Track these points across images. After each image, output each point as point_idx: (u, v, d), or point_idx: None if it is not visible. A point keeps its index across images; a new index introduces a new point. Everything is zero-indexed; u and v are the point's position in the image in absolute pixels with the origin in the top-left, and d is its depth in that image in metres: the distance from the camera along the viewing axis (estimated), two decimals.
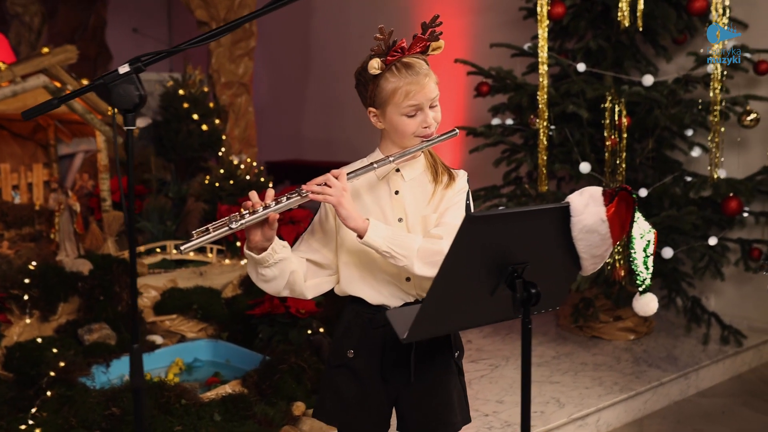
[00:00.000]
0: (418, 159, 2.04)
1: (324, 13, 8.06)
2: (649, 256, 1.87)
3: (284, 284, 1.94)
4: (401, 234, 1.90)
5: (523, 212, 1.76)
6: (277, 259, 1.89)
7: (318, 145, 8.15)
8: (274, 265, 1.90)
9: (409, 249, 1.87)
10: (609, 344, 4.58)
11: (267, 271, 1.91)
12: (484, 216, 1.67)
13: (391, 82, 1.92)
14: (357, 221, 1.85)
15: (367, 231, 1.85)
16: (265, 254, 1.87)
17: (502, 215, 1.71)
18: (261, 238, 1.85)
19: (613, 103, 4.08)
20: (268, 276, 1.92)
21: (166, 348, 4.02)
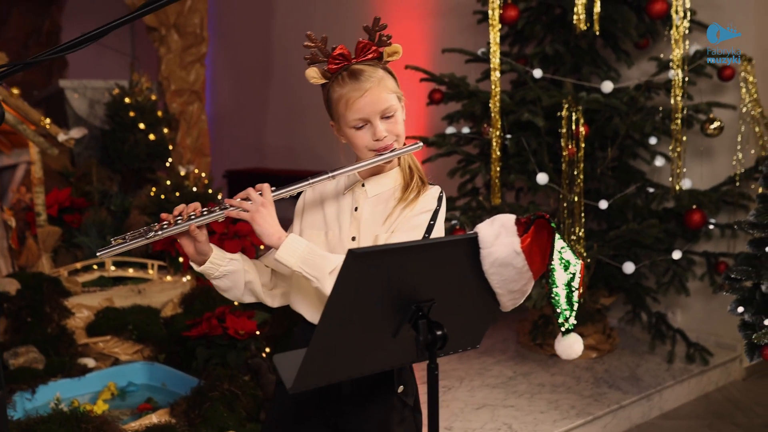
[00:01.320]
0: (388, 174, 1.88)
1: (285, 18, 7.87)
2: (573, 291, 1.67)
3: (241, 293, 1.88)
4: (319, 254, 1.74)
5: (421, 245, 1.56)
6: (223, 272, 1.82)
7: (280, 152, 7.94)
8: (223, 277, 1.83)
9: (321, 270, 1.72)
10: (570, 363, 4.38)
11: (218, 282, 1.85)
12: (370, 251, 1.46)
13: (336, 91, 1.80)
14: (271, 238, 1.73)
15: (279, 248, 1.72)
16: (204, 268, 1.81)
17: (393, 249, 1.51)
18: (193, 251, 1.79)
19: (570, 110, 3.89)
20: (221, 287, 1.86)
21: (98, 372, 3.80)
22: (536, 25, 4.18)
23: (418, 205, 1.85)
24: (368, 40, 1.82)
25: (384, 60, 1.84)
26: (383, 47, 1.83)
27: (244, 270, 1.87)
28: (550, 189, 4.12)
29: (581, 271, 1.68)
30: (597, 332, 4.49)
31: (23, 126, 4.14)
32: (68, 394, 3.63)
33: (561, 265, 1.64)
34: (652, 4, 3.94)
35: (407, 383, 1.95)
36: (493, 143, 3.92)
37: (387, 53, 1.84)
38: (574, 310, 1.67)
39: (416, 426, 1.97)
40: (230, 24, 8.56)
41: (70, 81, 5.41)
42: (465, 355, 4.54)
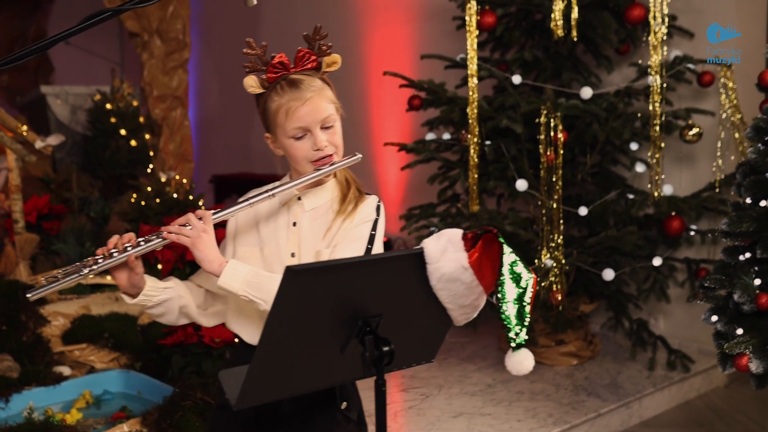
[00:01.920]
0: (325, 186, 1.86)
1: (271, 24, 7.86)
2: (525, 306, 1.65)
3: (176, 318, 1.85)
4: (263, 276, 1.73)
5: (364, 262, 1.55)
6: (156, 301, 1.79)
7: (266, 157, 7.92)
8: (158, 305, 1.80)
9: (267, 293, 1.70)
10: (550, 370, 4.37)
11: (152, 310, 1.81)
12: (309, 268, 1.45)
13: (275, 101, 1.77)
14: (212, 264, 1.70)
15: (221, 275, 1.69)
16: (138, 300, 1.77)
17: (333, 266, 1.49)
18: (127, 284, 1.74)
19: (549, 117, 3.87)
20: (154, 314, 1.83)
21: (74, 380, 3.78)
22: (515, 31, 4.16)
23: (357, 216, 1.84)
24: (308, 49, 1.79)
25: (322, 70, 1.81)
26: (323, 57, 1.81)
27: (179, 296, 1.84)
28: (530, 195, 4.10)
29: (533, 285, 1.66)
30: (578, 339, 4.47)
31: (0, 133, 4.12)
32: (43, 402, 3.61)
33: (512, 279, 1.62)
34: (629, 10, 3.93)
35: (350, 398, 1.93)
36: (471, 150, 3.90)
37: (326, 63, 1.82)
38: (525, 325, 1.65)
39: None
40: (216, 29, 8.56)
41: (51, 87, 5.40)
42: (445, 363, 4.52)
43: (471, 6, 3.81)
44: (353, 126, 6.71)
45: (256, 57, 1.78)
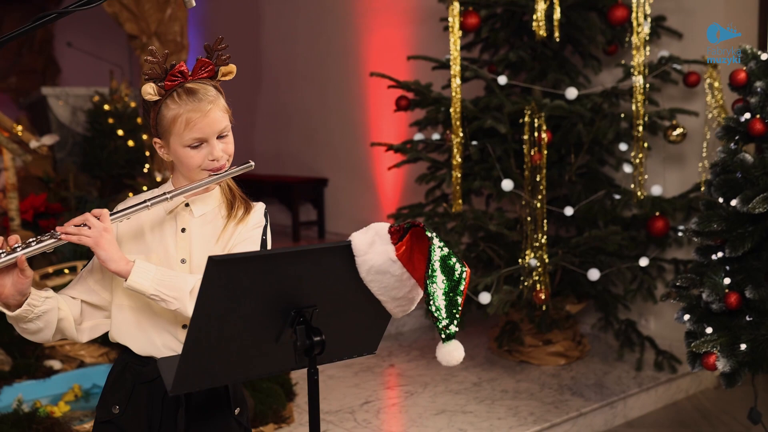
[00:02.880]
0: (211, 194, 1.87)
1: (273, 27, 7.94)
2: (455, 299, 1.68)
3: (52, 334, 1.76)
4: (172, 275, 1.72)
5: (289, 253, 1.58)
6: (38, 312, 1.69)
7: (268, 159, 8.00)
8: (37, 318, 1.70)
9: (180, 290, 1.69)
10: (537, 370, 4.39)
11: (29, 325, 1.71)
12: (232, 258, 1.50)
13: (172, 109, 1.75)
14: (119, 263, 1.66)
15: (131, 273, 1.66)
16: (20, 311, 1.66)
17: (256, 257, 1.54)
18: (12, 290, 1.62)
19: (533, 117, 3.90)
20: (31, 329, 1.72)
21: (64, 374, 3.86)
22: (501, 32, 4.20)
23: (250, 221, 1.86)
24: (207, 58, 1.81)
25: (218, 78, 1.83)
26: (220, 66, 1.83)
27: (58, 308, 1.75)
28: (517, 196, 4.13)
29: (467, 278, 1.70)
30: (566, 339, 4.49)
31: None
32: (33, 395, 3.69)
33: (443, 272, 1.66)
34: (612, 11, 3.96)
35: (242, 404, 1.94)
36: (455, 150, 3.94)
37: (222, 72, 1.83)
38: (455, 317, 1.69)
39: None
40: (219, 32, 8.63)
41: (52, 88, 5.51)
42: (433, 361, 4.56)
43: (454, 7, 3.85)
44: (351, 126, 6.77)
45: (156, 65, 1.75)
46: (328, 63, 7.05)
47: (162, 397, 1.83)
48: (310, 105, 7.39)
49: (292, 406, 3.85)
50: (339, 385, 4.20)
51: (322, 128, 7.22)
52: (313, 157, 7.32)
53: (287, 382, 4.03)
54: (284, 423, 3.68)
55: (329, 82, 7.03)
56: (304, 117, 7.45)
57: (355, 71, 6.51)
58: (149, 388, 1.82)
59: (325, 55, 7.11)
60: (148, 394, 1.83)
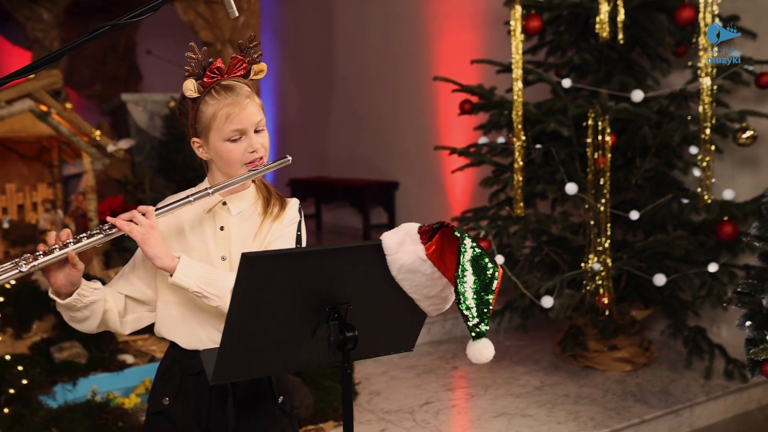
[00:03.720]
0: (247, 191, 1.92)
1: (345, 33, 8.06)
2: (486, 298, 1.71)
3: (97, 324, 1.85)
4: (216, 272, 1.78)
5: (321, 251, 1.64)
6: (86, 302, 1.78)
7: (341, 162, 8.12)
8: (85, 308, 1.79)
9: (222, 288, 1.75)
10: (602, 375, 4.34)
11: (77, 314, 1.81)
12: (265, 255, 1.57)
13: (211, 105, 1.80)
14: (164, 260, 1.74)
15: (176, 270, 1.74)
16: (71, 300, 1.75)
17: (288, 255, 1.60)
18: (64, 281, 1.72)
19: (596, 120, 3.87)
20: (78, 318, 1.82)
21: (136, 368, 4.02)
22: (564, 34, 4.18)
23: (285, 218, 1.90)
24: (241, 56, 1.86)
25: (250, 77, 1.87)
26: (253, 64, 1.87)
27: (104, 299, 1.83)
28: (580, 199, 4.11)
29: (499, 278, 1.72)
30: (633, 345, 4.42)
31: (77, 138, 4.44)
32: (107, 387, 3.87)
33: (473, 271, 1.68)
34: (679, 12, 3.89)
35: (285, 393, 1.98)
36: (516, 153, 3.94)
37: (254, 71, 1.86)
38: (486, 316, 1.71)
39: (294, 431, 2.02)
40: (294, 40, 8.83)
41: (131, 95, 5.74)
42: (496, 364, 4.56)
43: (516, 11, 3.86)
44: (421, 129, 6.82)
45: (196, 62, 1.81)
46: (398, 67, 7.12)
47: (209, 388, 1.89)
48: (381, 109, 7.47)
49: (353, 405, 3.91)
50: (401, 386, 4.25)
51: (393, 132, 7.29)
52: (384, 160, 7.40)
53: None
54: None
55: (400, 86, 7.09)
56: (375, 121, 7.54)
57: (425, 75, 6.55)
58: (196, 380, 1.89)
59: (395, 60, 7.18)
60: (196, 386, 1.91)
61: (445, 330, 5.17)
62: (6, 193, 4.91)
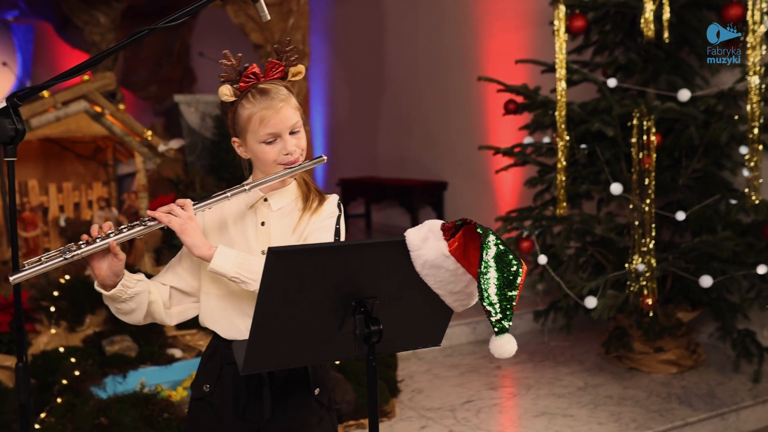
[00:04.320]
0: (288, 188, 1.98)
1: (395, 35, 8.12)
2: (509, 294, 1.73)
3: (143, 315, 1.93)
4: (251, 259, 1.84)
5: (346, 246, 1.68)
6: (131, 294, 1.86)
7: (391, 163, 8.16)
8: (130, 299, 1.87)
9: (259, 273, 1.77)
10: (647, 377, 4.30)
11: (122, 305, 1.88)
12: (290, 250, 1.61)
13: (247, 108, 1.87)
14: (202, 249, 1.81)
15: (213, 257, 1.80)
16: (115, 291, 1.83)
17: (312, 249, 1.65)
18: (108, 272, 1.81)
19: (641, 120, 3.84)
20: (124, 309, 1.90)
21: (184, 362, 4.12)
22: (610, 34, 4.15)
23: (323, 212, 1.95)
24: (277, 60, 1.91)
25: (288, 79, 1.92)
26: (290, 67, 1.93)
27: (148, 291, 1.90)
28: (625, 200, 4.08)
29: (523, 275, 1.74)
30: (679, 347, 4.36)
31: (129, 138, 4.57)
32: (155, 380, 3.97)
33: (497, 268, 1.71)
34: (726, 10, 3.83)
35: (322, 385, 2.03)
36: (559, 153, 3.93)
37: (292, 73, 1.91)
38: (509, 312, 1.74)
39: (332, 423, 2.05)
40: (345, 41, 8.91)
41: (183, 96, 5.87)
42: (540, 364, 4.55)
43: (560, 10, 3.85)
44: (470, 130, 6.82)
45: (231, 67, 1.88)
46: (447, 67, 7.14)
47: (247, 378, 1.95)
48: (430, 109, 7.50)
49: (395, 402, 3.96)
50: (443, 384, 4.27)
51: (442, 132, 7.31)
52: (434, 160, 7.42)
53: (392, 378, 4.14)
54: (385, 417, 3.80)
55: (449, 87, 7.11)
56: (424, 121, 7.57)
57: (474, 75, 6.52)
58: (234, 369, 1.95)
59: (444, 60, 7.20)
60: (234, 375, 1.97)
61: (490, 330, 5.13)
62: (63, 191, 5.08)
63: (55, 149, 5.10)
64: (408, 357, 4.78)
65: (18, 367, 1.94)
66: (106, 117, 4.47)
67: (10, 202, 1.90)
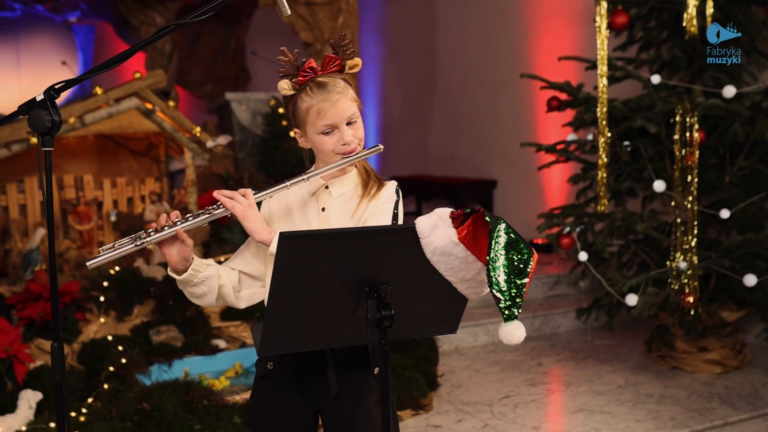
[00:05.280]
0: (348, 175, 2.06)
1: (447, 33, 8.14)
2: (518, 282, 1.76)
3: (215, 298, 2.03)
4: None
5: (355, 232, 1.73)
6: (201, 278, 1.97)
7: (442, 161, 8.18)
8: (201, 283, 1.98)
9: None
10: (689, 377, 4.24)
11: (195, 289, 1.99)
12: (299, 235, 1.67)
13: (305, 101, 1.96)
14: (262, 234, 1.90)
15: (272, 242, 1.88)
16: (186, 276, 1.95)
17: (322, 234, 1.70)
18: (178, 258, 1.92)
19: (684, 116, 3.80)
20: (197, 293, 2.00)
21: (228, 352, 4.22)
22: (654, 30, 4.11)
23: (381, 197, 2.02)
24: (334, 54, 1.98)
25: (345, 71, 2.00)
26: (347, 60, 2.00)
27: (218, 275, 2.00)
28: (669, 197, 4.04)
29: (534, 263, 1.76)
30: (724, 347, 4.29)
31: (178, 134, 4.71)
32: (199, 369, 4.09)
33: (506, 256, 1.73)
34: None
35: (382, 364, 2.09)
36: (600, 150, 3.92)
37: (349, 66, 1.99)
38: (518, 300, 1.76)
39: (393, 404, 2.10)
40: (398, 40, 8.96)
41: (235, 94, 6.01)
42: (582, 362, 4.53)
43: (601, 7, 3.83)
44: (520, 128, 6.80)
45: (289, 63, 1.96)
46: (498, 65, 7.13)
47: (309, 356, 2.03)
48: (481, 107, 7.50)
49: (433, 395, 4.00)
50: (483, 380, 4.29)
51: (492, 130, 7.30)
52: (484, 158, 7.42)
53: (431, 372, 4.18)
54: (422, 410, 3.84)
55: (500, 85, 7.11)
56: (475, 119, 7.58)
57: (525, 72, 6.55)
58: None
59: (495, 58, 7.20)
60: (296, 353, 2.03)
61: (534, 327, 5.17)
62: (117, 186, 5.25)
63: (110, 145, 5.28)
64: (450, 353, 4.81)
65: (53, 347, 2.04)
66: (157, 114, 4.62)
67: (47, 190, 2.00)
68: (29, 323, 3.94)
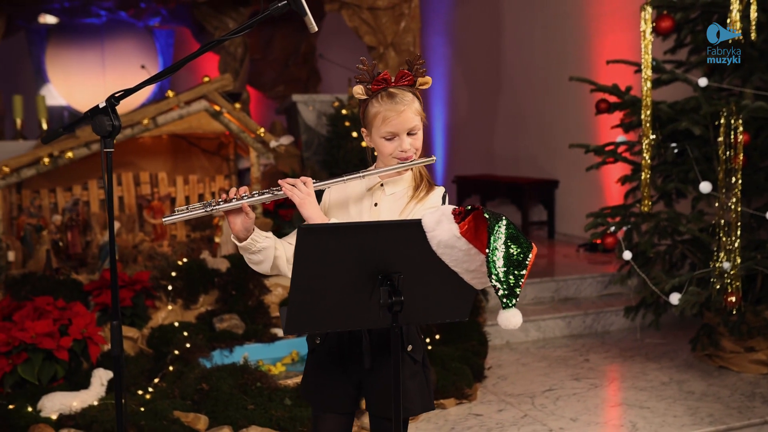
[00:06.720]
0: (403, 177, 2.27)
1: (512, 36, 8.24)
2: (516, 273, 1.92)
3: (270, 267, 2.26)
4: None
5: (365, 226, 1.93)
6: (259, 247, 2.20)
7: (506, 160, 8.29)
8: (258, 252, 2.21)
9: None
10: (735, 376, 4.29)
11: (253, 256, 2.23)
12: (316, 228, 1.88)
13: (374, 107, 2.18)
14: (316, 220, 2.14)
15: None
16: (246, 243, 2.19)
17: (338, 227, 1.91)
18: (241, 227, 2.16)
19: (729, 118, 3.85)
20: (254, 260, 2.24)
21: (286, 341, 4.46)
22: (700, 33, 4.17)
23: (428, 201, 2.22)
24: (407, 70, 2.20)
25: (416, 87, 2.21)
26: (418, 77, 2.20)
27: (275, 247, 2.22)
28: (715, 198, 4.09)
29: (533, 256, 1.93)
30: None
31: (244, 134, 4.99)
32: (258, 356, 4.35)
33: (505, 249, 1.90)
34: None
35: (415, 343, 2.29)
36: (644, 150, 4.01)
37: (419, 82, 2.21)
38: (516, 290, 1.92)
39: (427, 379, 2.32)
40: (466, 42, 9.10)
41: (301, 95, 6.28)
42: (629, 360, 4.62)
43: (646, 11, 3.92)
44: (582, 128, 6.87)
45: (365, 71, 2.19)
46: (561, 67, 7.20)
47: (348, 334, 2.27)
48: (544, 108, 7.59)
49: (477, 386, 4.16)
50: (529, 373, 4.43)
51: (555, 131, 7.39)
52: (547, 159, 7.51)
53: (479, 365, 4.34)
54: (466, 399, 4.01)
55: (563, 86, 7.16)
56: (539, 120, 7.67)
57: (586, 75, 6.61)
58: None
59: (559, 59, 7.28)
60: (338, 332, 2.28)
61: (585, 325, 5.27)
62: (189, 183, 5.58)
63: (184, 144, 5.62)
64: (501, 347, 4.95)
65: (113, 325, 2.32)
66: (224, 115, 4.91)
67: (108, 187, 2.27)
68: (103, 308, 4.28)
